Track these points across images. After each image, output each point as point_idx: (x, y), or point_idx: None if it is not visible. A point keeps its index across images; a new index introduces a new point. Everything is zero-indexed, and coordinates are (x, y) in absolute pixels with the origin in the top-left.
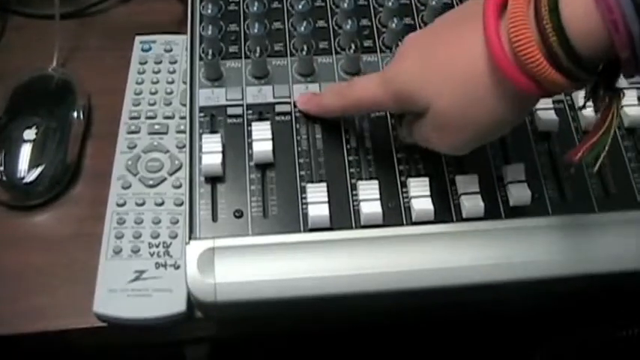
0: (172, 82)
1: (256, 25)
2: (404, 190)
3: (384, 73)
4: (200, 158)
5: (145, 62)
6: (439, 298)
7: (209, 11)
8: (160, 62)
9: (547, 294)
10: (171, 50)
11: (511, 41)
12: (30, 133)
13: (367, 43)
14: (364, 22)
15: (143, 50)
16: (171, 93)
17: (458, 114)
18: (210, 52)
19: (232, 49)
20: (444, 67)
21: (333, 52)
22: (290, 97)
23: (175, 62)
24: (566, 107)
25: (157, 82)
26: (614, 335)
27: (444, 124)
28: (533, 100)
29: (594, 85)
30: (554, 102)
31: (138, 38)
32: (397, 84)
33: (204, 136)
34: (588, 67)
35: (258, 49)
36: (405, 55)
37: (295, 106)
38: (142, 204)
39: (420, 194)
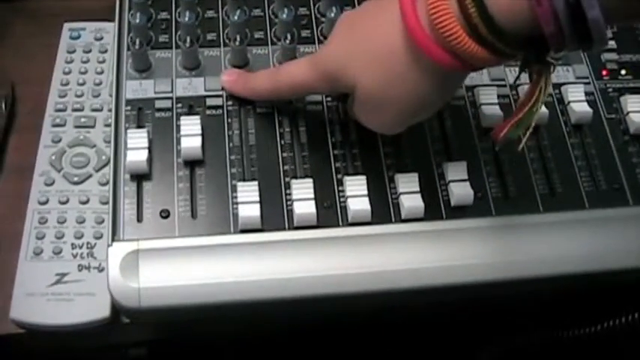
0: (101, 73)
1: (187, 12)
2: (340, 189)
3: (313, 56)
4: (125, 154)
5: (74, 51)
6: (375, 302)
7: None
8: (90, 51)
9: (489, 297)
10: (101, 39)
11: (429, 14)
12: None
13: (305, 34)
14: (302, 10)
15: (72, 38)
16: (100, 84)
17: (380, 93)
18: (138, 41)
19: (162, 38)
20: (364, 45)
21: (269, 42)
22: (222, 89)
23: (105, 51)
24: (512, 102)
25: (86, 72)
26: (557, 336)
27: (368, 103)
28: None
29: (524, 58)
30: (499, 97)
31: (66, 25)
32: (325, 64)
33: (129, 130)
34: (512, 40)
35: (188, 38)
36: (334, 35)
37: (227, 100)
38: (66, 202)
39: (356, 194)
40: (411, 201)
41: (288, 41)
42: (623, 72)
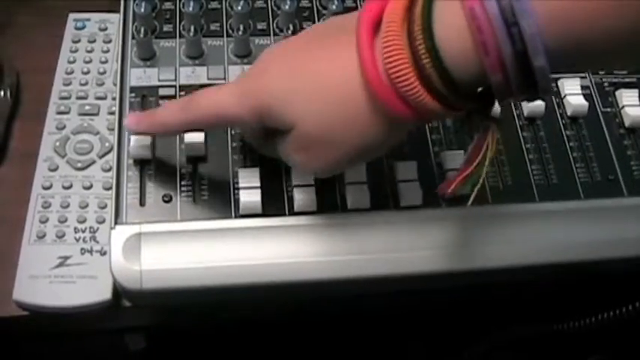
0: (106, 62)
1: (192, 3)
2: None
3: (241, 85)
4: (129, 140)
5: (78, 41)
6: (373, 288)
7: None
8: (94, 41)
9: (485, 286)
10: (106, 29)
11: (384, 62)
12: None
13: (307, 25)
14: (304, 3)
15: (77, 28)
16: (104, 73)
17: (325, 135)
18: (142, 30)
19: (167, 27)
20: (312, 83)
21: (271, 33)
22: (225, 78)
23: (110, 41)
24: None
25: (90, 61)
26: (545, 330)
27: (309, 146)
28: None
29: (468, 113)
30: None
31: (71, 15)
32: (258, 98)
33: None
34: (463, 93)
35: (193, 28)
36: (268, 67)
37: None
38: (69, 187)
39: (355, 180)
40: (411, 189)
41: (290, 32)
42: None
